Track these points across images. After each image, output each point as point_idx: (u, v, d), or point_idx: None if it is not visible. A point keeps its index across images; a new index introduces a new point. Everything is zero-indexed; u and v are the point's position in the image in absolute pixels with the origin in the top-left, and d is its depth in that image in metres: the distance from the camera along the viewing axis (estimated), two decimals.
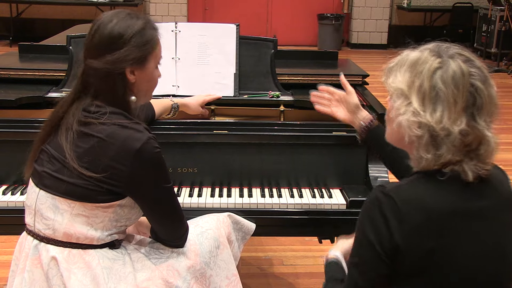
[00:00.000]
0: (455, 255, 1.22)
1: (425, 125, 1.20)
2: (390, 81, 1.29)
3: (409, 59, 1.27)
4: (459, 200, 1.23)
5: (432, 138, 1.21)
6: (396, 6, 9.34)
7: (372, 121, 1.74)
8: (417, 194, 1.23)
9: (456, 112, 1.19)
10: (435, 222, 1.20)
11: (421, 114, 1.21)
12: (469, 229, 1.23)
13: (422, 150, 1.22)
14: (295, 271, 2.81)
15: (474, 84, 1.21)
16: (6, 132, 1.92)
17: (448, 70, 1.20)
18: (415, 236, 1.20)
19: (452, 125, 1.19)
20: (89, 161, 1.44)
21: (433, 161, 1.22)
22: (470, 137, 1.20)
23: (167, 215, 1.55)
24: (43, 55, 2.53)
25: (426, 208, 1.20)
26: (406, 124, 1.23)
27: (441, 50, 1.25)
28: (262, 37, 2.26)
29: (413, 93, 1.23)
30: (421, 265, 1.21)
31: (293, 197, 1.92)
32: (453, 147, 1.20)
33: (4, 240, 2.53)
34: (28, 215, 1.54)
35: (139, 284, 1.51)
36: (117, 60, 1.48)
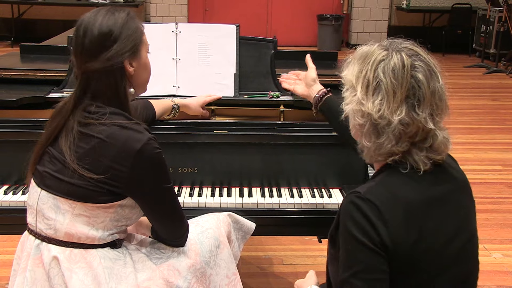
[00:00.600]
0: (436, 240, 1.25)
1: (367, 114, 1.25)
2: (343, 74, 1.34)
3: (359, 52, 1.32)
4: (424, 189, 1.26)
5: (373, 126, 1.25)
6: (395, 7, 9.34)
7: (325, 93, 1.83)
8: (390, 191, 1.25)
9: (395, 102, 1.23)
10: (413, 214, 1.23)
11: (363, 103, 1.26)
12: (439, 214, 1.26)
13: (365, 138, 1.28)
14: (295, 270, 2.81)
15: (415, 76, 1.24)
16: (7, 132, 1.92)
17: (390, 62, 1.25)
18: (400, 232, 1.22)
19: (391, 115, 1.23)
20: (89, 161, 1.44)
21: (375, 150, 1.26)
22: (412, 128, 1.23)
23: (167, 214, 1.55)
24: (44, 56, 2.53)
25: (402, 203, 1.24)
26: (351, 113, 1.29)
27: (390, 45, 1.29)
28: (262, 38, 2.26)
29: (359, 83, 1.28)
30: (409, 259, 1.22)
31: (293, 197, 1.92)
32: (394, 136, 1.23)
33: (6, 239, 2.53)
34: (30, 215, 1.54)
35: (140, 284, 1.51)
36: (115, 56, 1.47)
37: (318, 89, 1.85)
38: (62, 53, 2.37)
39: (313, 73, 1.89)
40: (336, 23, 8.89)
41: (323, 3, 9.31)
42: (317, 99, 1.83)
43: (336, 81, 2.32)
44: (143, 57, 1.55)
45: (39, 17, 8.77)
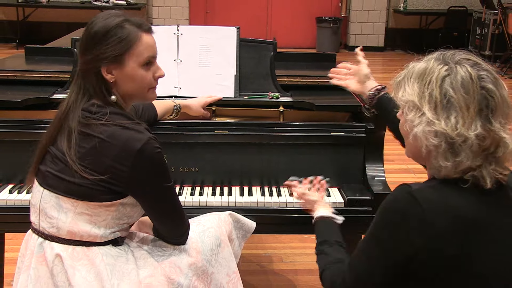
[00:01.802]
0: (476, 264, 1.18)
1: (441, 133, 1.16)
2: (399, 95, 1.25)
3: (415, 71, 1.24)
4: (482, 209, 1.18)
5: (449, 145, 1.17)
6: (393, 9, 9.34)
7: (379, 90, 1.76)
8: (441, 198, 1.18)
9: (469, 117, 1.16)
10: (460, 228, 1.16)
11: (436, 122, 1.17)
12: (491, 239, 1.19)
13: (441, 158, 1.18)
14: (294, 268, 2.81)
15: (485, 86, 1.17)
16: (12, 133, 1.91)
17: (457, 76, 1.17)
18: (437, 240, 1.16)
19: (467, 130, 1.15)
20: (91, 161, 1.43)
21: (453, 168, 1.18)
22: (488, 141, 1.16)
23: (168, 213, 1.55)
24: (48, 57, 2.53)
25: (451, 213, 1.16)
26: (422, 135, 1.19)
27: (446, 58, 1.22)
28: (262, 40, 2.25)
29: (425, 103, 1.19)
30: (439, 271, 1.17)
31: (292, 196, 1.92)
32: (471, 152, 1.16)
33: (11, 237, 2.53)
34: (33, 213, 1.53)
35: (142, 280, 1.51)
36: (92, 59, 1.46)
37: (372, 85, 1.79)
38: (66, 54, 2.36)
39: (366, 68, 1.83)
40: (334, 26, 8.88)
41: (322, 5, 9.31)
42: (371, 96, 1.77)
43: None
44: (128, 68, 1.48)
45: (43, 19, 8.77)
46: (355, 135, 1.96)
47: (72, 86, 1.53)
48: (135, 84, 1.51)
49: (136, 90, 1.53)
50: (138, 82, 1.52)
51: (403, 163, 3.93)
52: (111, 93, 1.49)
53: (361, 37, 9.26)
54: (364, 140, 1.96)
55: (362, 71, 1.82)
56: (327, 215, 1.58)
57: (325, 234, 1.50)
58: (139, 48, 1.49)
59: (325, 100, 2.14)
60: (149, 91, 1.56)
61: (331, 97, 2.18)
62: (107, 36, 1.46)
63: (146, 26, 1.52)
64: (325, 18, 8.97)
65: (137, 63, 1.49)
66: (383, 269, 1.22)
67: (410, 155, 1.32)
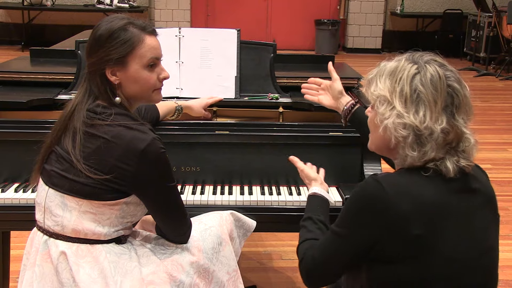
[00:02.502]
0: (440, 246, 1.23)
1: (409, 125, 1.24)
2: (371, 90, 1.31)
3: (387, 68, 1.31)
4: (444, 194, 1.25)
5: (416, 137, 1.24)
6: (390, 12, 9.34)
7: (353, 105, 1.80)
8: (405, 183, 1.25)
9: (436, 111, 1.23)
10: (422, 211, 1.22)
11: (405, 115, 1.24)
12: (452, 222, 1.24)
13: (408, 148, 1.25)
14: (293, 265, 2.80)
15: (451, 85, 1.25)
16: (17, 133, 1.91)
17: (426, 74, 1.25)
18: (401, 223, 1.21)
19: (434, 124, 1.23)
20: (95, 161, 1.43)
21: (418, 158, 1.25)
22: (451, 135, 1.24)
23: (170, 212, 1.55)
24: (53, 59, 2.53)
25: (414, 197, 1.22)
26: (391, 126, 1.26)
27: (415, 58, 1.29)
28: (261, 42, 2.25)
29: (395, 97, 1.26)
30: (404, 252, 1.22)
31: (292, 195, 1.92)
32: (436, 144, 1.24)
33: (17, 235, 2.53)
34: (38, 212, 1.53)
35: (145, 277, 1.51)
36: (97, 62, 1.47)
37: (346, 101, 1.80)
38: (70, 56, 2.36)
39: (339, 85, 1.83)
40: (333, 28, 8.88)
41: (321, 8, 9.31)
42: (346, 111, 1.79)
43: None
44: (131, 70, 1.48)
45: (48, 22, 8.77)
46: (353, 135, 1.96)
47: (80, 88, 1.53)
48: (139, 85, 1.51)
49: (140, 91, 1.52)
50: (142, 84, 1.51)
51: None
52: (116, 95, 1.49)
53: (359, 39, 9.26)
54: (361, 139, 1.96)
55: (335, 87, 1.83)
56: (320, 193, 1.65)
57: (312, 211, 1.59)
58: (142, 50, 1.48)
59: None
60: (153, 92, 1.55)
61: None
62: (111, 38, 1.46)
63: (150, 28, 1.52)
64: (323, 20, 8.97)
65: (140, 65, 1.49)
66: (350, 250, 1.29)
67: (373, 147, 1.39)
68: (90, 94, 1.49)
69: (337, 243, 1.31)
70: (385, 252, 1.23)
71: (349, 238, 1.28)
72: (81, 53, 2.15)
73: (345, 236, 1.29)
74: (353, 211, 1.29)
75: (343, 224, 1.30)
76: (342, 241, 1.30)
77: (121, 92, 1.50)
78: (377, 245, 1.23)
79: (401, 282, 1.24)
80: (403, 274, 1.23)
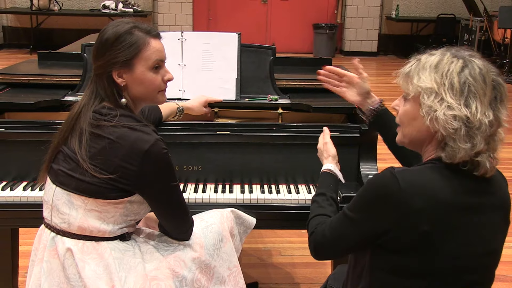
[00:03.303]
0: (446, 243, 1.21)
1: (460, 117, 1.19)
2: (415, 81, 1.26)
3: (429, 62, 1.26)
4: (461, 194, 1.22)
5: (468, 129, 1.20)
6: (385, 16, 9.33)
7: (380, 106, 1.73)
8: (420, 180, 1.23)
9: (486, 104, 1.21)
10: (434, 209, 1.20)
11: (456, 107, 1.20)
12: (465, 222, 1.23)
13: (461, 141, 1.20)
14: (292, 261, 2.81)
15: (495, 79, 1.24)
16: (26, 133, 1.91)
17: (475, 68, 1.22)
18: (411, 218, 1.20)
19: (483, 116, 1.20)
20: (101, 161, 1.43)
21: (469, 150, 1.21)
22: (494, 128, 1.22)
23: (173, 211, 1.54)
24: (60, 62, 2.53)
25: (427, 196, 1.20)
26: (443, 118, 1.20)
27: (457, 53, 1.26)
28: (261, 45, 2.25)
29: (445, 90, 1.22)
30: (411, 245, 1.22)
31: (291, 193, 1.92)
32: (483, 137, 1.20)
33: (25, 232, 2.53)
34: (46, 209, 1.53)
35: (148, 273, 1.50)
36: (104, 64, 1.47)
37: (373, 101, 1.73)
38: (76, 59, 2.36)
39: (367, 84, 1.75)
40: (330, 32, 8.87)
41: (319, 12, 9.30)
42: (372, 111, 1.72)
43: None
44: (137, 71, 1.49)
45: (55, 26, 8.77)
46: (350, 135, 1.95)
47: (86, 90, 1.53)
48: (144, 87, 1.51)
49: (145, 93, 1.53)
50: (147, 85, 1.51)
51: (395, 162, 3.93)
52: (122, 96, 1.49)
53: (355, 42, 9.25)
54: (358, 140, 1.96)
55: (364, 87, 1.74)
56: (335, 171, 1.65)
57: (325, 187, 1.59)
58: (147, 53, 1.49)
59: (321, 102, 2.14)
60: (158, 93, 1.56)
61: (327, 99, 2.18)
62: (117, 42, 1.46)
63: (154, 32, 1.53)
64: (321, 24, 8.96)
65: (146, 67, 1.49)
66: (358, 235, 1.30)
67: (406, 140, 1.34)
68: (96, 96, 1.49)
69: (347, 226, 1.32)
70: (391, 242, 1.23)
71: (359, 224, 1.29)
72: (87, 56, 2.15)
73: (356, 222, 1.29)
74: (366, 199, 1.28)
75: (356, 209, 1.31)
76: (352, 226, 1.30)
77: (127, 93, 1.50)
78: (385, 234, 1.23)
79: (401, 271, 1.24)
80: (405, 265, 1.24)
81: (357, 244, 1.32)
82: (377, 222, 1.24)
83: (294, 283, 2.61)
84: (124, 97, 1.50)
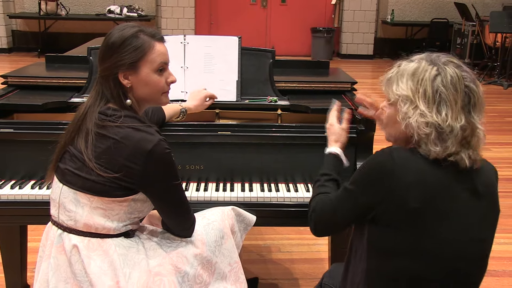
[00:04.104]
0: (433, 225, 1.25)
1: (431, 124, 1.26)
2: (393, 89, 1.32)
3: (407, 70, 1.31)
4: (448, 179, 1.26)
5: (438, 134, 1.25)
6: (381, 21, 9.33)
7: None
8: (413, 160, 1.28)
9: (457, 110, 1.25)
10: (424, 187, 1.24)
11: (428, 115, 1.26)
12: (451, 207, 1.26)
13: (431, 144, 1.26)
14: (291, 257, 2.80)
15: (468, 85, 1.27)
16: (34, 133, 1.91)
17: (447, 76, 1.26)
18: (402, 193, 1.24)
19: (454, 122, 1.25)
20: (106, 160, 1.42)
21: (441, 152, 1.26)
22: (468, 131, 1.26)
23: (175, 208, 1.54)
24: (66, 65, 2.52)
25: (418, 173, 1.25)
26: (415, 124, 1.27)
27: (434, 59, 1.30)
28: (261, 48, 2.24)
29: (418, 98, 1.27)
30: (400, 220, 1.25)
31: (289, 191, 1.91)
32: (456, 140, 1.25)
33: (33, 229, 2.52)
34: (53, 207, 1.53)
35: (152, 269, 1.50)
36: (110, 67, 1.47)
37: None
38: (83, 62, 2.36)
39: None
40: (328, 35, 8.87)
41: (317, 17, 9.30)
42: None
43: (327, 87, 2.33)
44: (142, 74, 1.48)
45: (62, 30, 8.76)
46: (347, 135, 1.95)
47: (92, 92, 1.53)
48: (149, 88, 1.51)
49: (150, 94, 1.52)
50: (152, 87, 1.51)
51: None
52: (127, 97, 1.49)
53: (352, 46, 9.25)
54: (355, 140, 1.95)
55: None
56: (339, 154, 1.66)
57: (329, 168, 1.62)
58: (152, 55, 1.49)
59: (319, 104, 2.13)
60: (162, 95, 1.56)
61: (325, 100, 2.17)
62: (124, 45, 1.46)
63: (159, 36, 1.53)
64: (319, 28, 8.96)
65: (150, 69, 1.49)
66: (355, 206, 1.33)
67: (392, 139, 1.41)
68: (102, 98, 1.49)
69: (346, 198, 1.36)
70: (384, 215, 1.26)
71: (356, 195, 1.33)
72: (93, 59, 2.14)
73: (353, 193, 1.34)
74: (363, 172, 1.33)
75: (354, 182, 1.35)
76: (350, 197, 1.35)
77: (132, 95, 1.50)
78: (378, 206, 1.27)
79: (394, 247, 1.27)
80: (396, 240, 1.26)
81: (354, 216, 1.35)
82: (372, 191, 1.28)
83: (292, 279, 2.60)
84: (129, 98, 1.50)
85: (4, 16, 8.48)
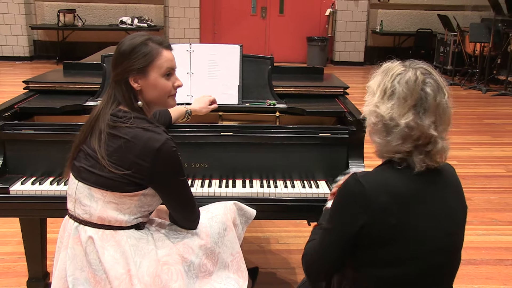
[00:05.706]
0: (412, 230, 1.22)
1: (379, 114, 1.24)
2: (368, 84, 1.32)
3: (383, 67, 1.31)
4: (414, 185, 1.23)
5: (383, 126, 1.24)
6: (371, 30, 9.32)
7: None
8: (381, 179, 1.24)
9: (405, 108, 1.21)
10: (397, 203, 1.21)
11: (379, 106, 1.24)
12: (422, 208, 1.23)
13: (375, 135, 1.26)
14: (288, 248, 2.80)
15: (425, 89, 1.22)
16: (52, 134, 1.90)
17: (405, 76, 1.24)
18: (380, 214, 1.20)
19: (400, 118, 1.21)
20: (117, 158, 1.42)
21: (384, 146, 1.24)
22: (416, 132, 1.21)
23: (182, 202, 1.53)
24: (82, 71, 2.52)
25: (389, 191, 1.21)
26: (368, 113, 1.28)
27: (409, 63, 1.28)
28: (261, 56, 2.24)
29: (378, 90, 1.26)
30: (384, 238, 1.22)
31: (287, 187, 1.91)
32: (400, 136, 1.21)
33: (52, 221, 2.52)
34: (70, 202, 1.52)
35: (160, 258, 1.49)
36: (122, 72, 1.47)
37: None
38: (97, 69, 2.35)
39: None
40: (322, 44, 8.85)
41: (312, 27, 9.29)
42: None
43: (322, 91, 2.32)
44: (151, 78, 1.49)
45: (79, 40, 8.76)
46: (339, 136, 1.95)
47: (104, 95, 1.53)
48: (157, 91, 1.51)
49: (158, 97, 1.52)
50: (159, 90, 1.51)
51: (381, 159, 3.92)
52: (138, 100, 1.49)
53: (344, 53, 9.24)
54: (347, 140, 1.95)
55: None
56: None
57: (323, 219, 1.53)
58: (160, 61, 1.49)
59: (314, 107, 2.13)
60: (169, 98, 1.55)
61: (320, 104, 2.17)
62: (134, 51, 1.46)
63: (166, 43, 1.53)
64: (314, 37, 8.95)
65: (158, 74, 1.49)
66: (339, 240, 1.26)
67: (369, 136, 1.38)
68: (114, 101, 1.49)
69: (328, 237, 1.29)
70: (365, 237, 1.22)
71: (336, 230, 1.26)
72: (106, 66, 2.14)
73: (334, 229, 1.27)
74: (339, 207, 1.27)
75: (331, 219, 1.29)
76: (332, 234, 1.28)
77: (142, 97, 1.51)
78: (361, 230, 1.22)
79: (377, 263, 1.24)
80: (379, 257, 1.23)
81: (342, 251, 1.27)
82: (351, 223, 1.22)
83: (290, 268, 2.60)
84: (140, 100, 1.50)
85: (27, 27, 8.48)
